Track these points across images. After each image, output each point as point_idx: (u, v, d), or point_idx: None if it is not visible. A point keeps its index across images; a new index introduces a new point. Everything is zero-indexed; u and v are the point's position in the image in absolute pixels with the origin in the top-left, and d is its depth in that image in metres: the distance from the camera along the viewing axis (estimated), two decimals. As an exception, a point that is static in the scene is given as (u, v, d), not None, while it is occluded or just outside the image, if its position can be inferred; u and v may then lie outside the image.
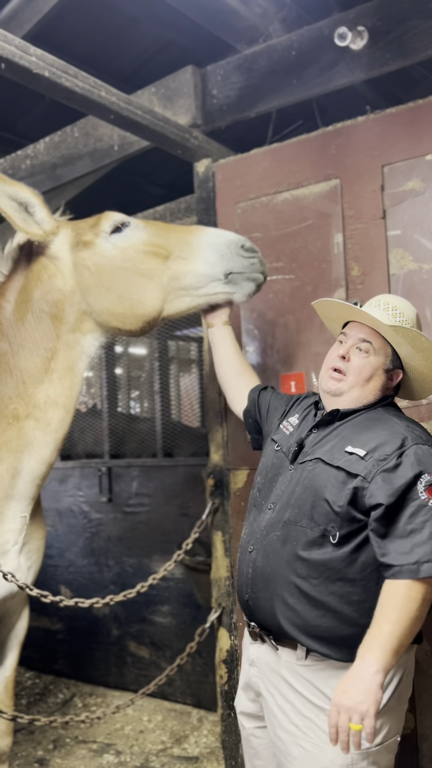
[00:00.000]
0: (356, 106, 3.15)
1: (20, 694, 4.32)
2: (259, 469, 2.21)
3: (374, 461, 1.85)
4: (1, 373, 2.41)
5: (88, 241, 2.42)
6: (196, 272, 2.42)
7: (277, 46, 3.20)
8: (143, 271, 2.39)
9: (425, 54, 2.81)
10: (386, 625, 1.72)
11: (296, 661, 1.91)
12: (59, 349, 2.42)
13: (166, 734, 3.70)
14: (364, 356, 2.00)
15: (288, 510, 1.95)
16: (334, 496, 1.86)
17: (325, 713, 1.83)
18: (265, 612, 1.95)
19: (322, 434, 2.03)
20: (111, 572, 4.31)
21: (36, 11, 3.34)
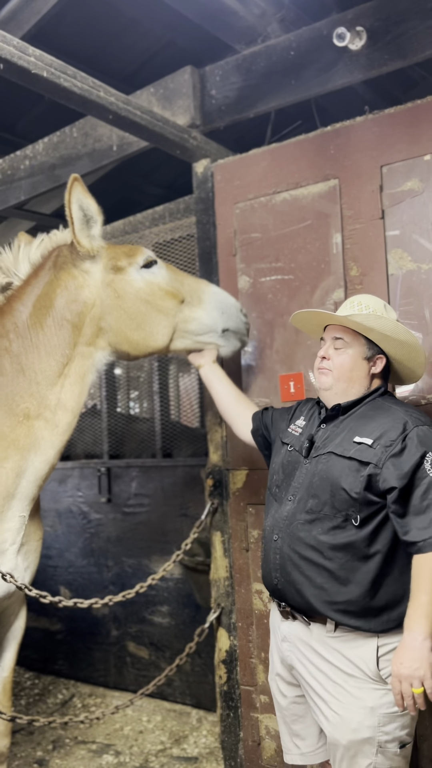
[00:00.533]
0: (355, 107, 3.15)
1: (19, 695, 4.32)
2: (273, 469, 2.37)
3: (382, 448, 2.02)
4: (13, 372, 2.48)
5: (121, 267, 2.60)
6: (201, 321, 2.70)
7: (275, 46, 3.20)
8: (161, 308, 2.61)
9: (423, 54, 2.81)
10: (423, 596, 1.93)
11: (326, 634, 2.09)
12: (74, 357, 2.54)
13: (165, 734, 3.70)
14: (342, 351, 2.21)
15: (309, 500, 2.12)
16: (350, 484, 2.03)
17: (354, 679, 2.03)
18: (295, 593, 2.11)
19: (330, 429, 2.21)
20: (110, 573, 4.31)
21: (35, 12, 3.34)
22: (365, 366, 2.21)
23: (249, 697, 3.08)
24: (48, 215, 5.51)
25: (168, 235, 3.92)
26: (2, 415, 2.43)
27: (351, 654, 2.04)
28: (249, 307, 3.11)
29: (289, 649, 2.19)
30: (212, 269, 3.27)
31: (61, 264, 2.57)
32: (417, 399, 2.66)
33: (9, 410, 2.44)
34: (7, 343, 2.50)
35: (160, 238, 3.96)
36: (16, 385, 2.46)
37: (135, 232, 4.13)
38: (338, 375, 2.19)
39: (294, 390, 2.97)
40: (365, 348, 2.20)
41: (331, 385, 2.21)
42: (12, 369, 2.48)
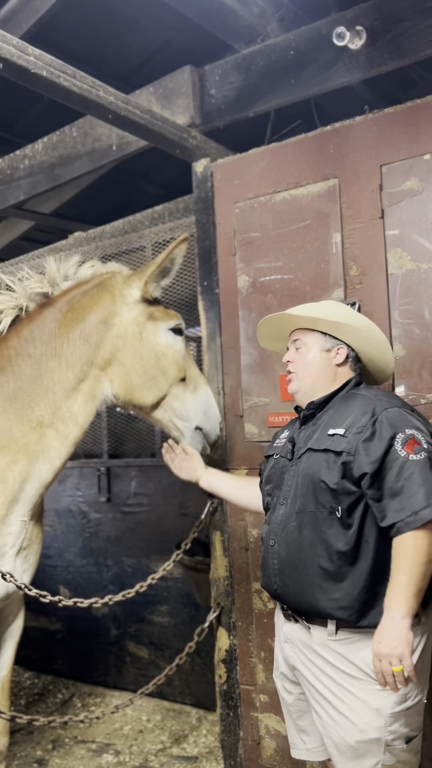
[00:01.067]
0: (354, 106, 3.15)
1: (19, 694, 4.32)
2: (265, 481, 2.38)
3: (353, 435, 2.04)
4: (32, 378, 2.53)
5: (155, 318, 2.76)
6: (187, 406, 2.82)
7: (275, 45, 3.20)
8: (166, 370, 2.74)
9: (423, 54, 2.81)
10: (401, 575, 1.92)
11: (327, 637, 2.08)
12: (89, 376, 2.63)
13: (165, 734, 3.70)
14: (303, 352, 2.27)
15: (297, 500, 2.13)
16: (327, 476, 2.05)
17: (358, 681, 2.02)
18: (295, 596, 2.11)
19: (309, 428, 2.23)
20: (110, 572, 4.31)
21: (34, 11, 3.33)
22: (326, 358, 2.24)
23: (249, 697, 3.08)
24: (47, 215, 5.51)
25: (167, 235, 3.92)
26: (16, 419, 2.48)
27: (353, 656, 2.04)
28: (249, 307, 3.11)
29: (291, 651, 2.20)
30: (212, 269, 3.27)
31: (109, 286, 2.72)
32: (417, 398, 2.66)
33: (23, 415, 2.49)
34: (31, 348, 2.56)
35: (159, 238, 3.96)
36: (33, 392, 2.52)
37: (134, 231, 4.13)
38: (302, 374, 2.24)
39: (293, 389, 2.97)
40: (323, 341, 2.25)
41: (298, 388, 2.26)
42: (32, 375, 2.54)
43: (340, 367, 2.26)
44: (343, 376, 2.26)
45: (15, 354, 2.56)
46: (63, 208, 5.54)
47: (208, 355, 3.28)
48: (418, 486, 1.93)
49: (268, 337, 2.48)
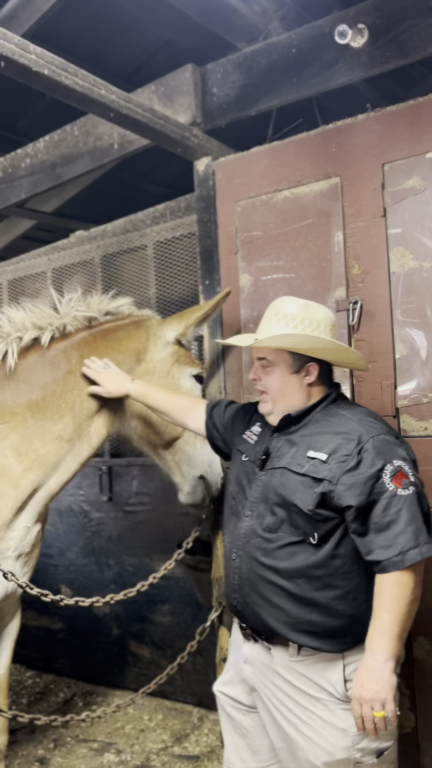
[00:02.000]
0: (356, 105, 3.14)
1: (21, 693, 4.32)
2: (229, 478, 2.27)
3: (336, 463, 1.93)
4: (57, 391, 2.62)
5: (182, 362, 2.89)
6: (196, 453, 2.89)
7: (277, 44, 3.19)
8: None
9: (425, 52, 2.81)
10: (385, 615, 1.83)
11: (289, 658, 1.99)
12: (112, 401, 2.72)
13: (166, 733, 3.70)
14: (270, 371, 2.12)
15: (267, 517, 2.03)
16: (302, 501, 1.94)
17: (322, 703, 1.95)
18: (254, 615, 2.02)
19: (283, 439, 2.11)
20: (111, 571, 4.30)
21: (36, 10, 3.34)
22: (296, 380, 2.10)
23: (250, 696, 3.07)
24: (48, 213, 5.51)
25: (169, 234, 3.92)
26: (37, 429, 2.55)
27: (317, 677, 1.97)
28: (250, 306, 3.11)
29: (252, 672, 2.11)
30: (214, 268, 3.27)
31: (144, 326, 2.87)
32: (419, 396, 2.65)
33: (44, 427, 2.56)
34: (61, 364, 2.66)
35: (161, 237, 3.96)
36: (57, 406, 2.60)
37: (136, 230, 4.13)
38: (273, 396, 2.12)
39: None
40: (290, 362, 2.09)
41: (270, 410, 2.14)
42: (57, 390, 2.62)
43: (312, 387, 2.12)
44: (318, 393, 2.13)
45: (43, 368, 2.65)
46: (64, 206, 5.54)
47: (210, 355, 3.28)
48: (406, 524, 1.85)
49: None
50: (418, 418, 2.65)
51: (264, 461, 2.11)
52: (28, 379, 2.62)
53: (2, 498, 2.47)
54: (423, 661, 2.63)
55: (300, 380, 2.10)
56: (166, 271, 3.94)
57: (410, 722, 2.68)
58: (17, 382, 2.61)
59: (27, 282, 4.63)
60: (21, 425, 2.54)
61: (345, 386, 2.82)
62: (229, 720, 2.25)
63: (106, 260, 4.20)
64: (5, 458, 2.50)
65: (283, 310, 2.11)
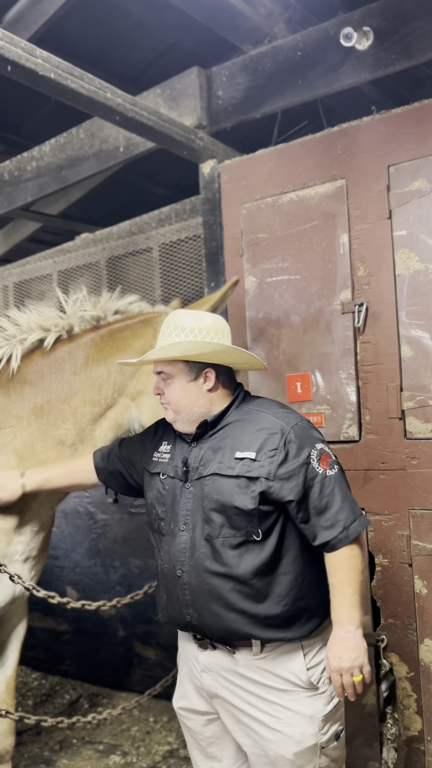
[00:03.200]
0: (362, 107, 3.15)
1: (26, 695, 4.33)
2: (150, 503, 2.21)
3: (266, 459, 1.98)
4: (64, 397, 2.57)
5: None
6: None
7: (282, 46, 3.20)
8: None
9: (431, 54, 2.81)
10: (347, 587, 1.96)
11: (252, 657, 2.03)
12: (118, 404, 2.65)
13: (172, 735, 3.70)
14: (169, 383, 2.12)
15: (204, 526, 2.03)
16: (242, 502, 1.96)
17: (288, 693, 2.01)
18: (214, 624, 2.02)
19: (204, 447, 2.10)
20: (117, 573, 4.31)
21: (42, 13, 3.35)
22: (195, 387, 2.10)
23: (256, 698, 3.07)
24: (54, 216, 5.53)
25: (174, 236, 3.93)
26: (40, 434, 2.53)
27: (280, 670, 2.01)
28: (256, 308, 3.11)
29: (212, 679, 2.10)
30: (219, 270, 3.28)
31: (152, 323, 2.72)
32: (425, 398, 2.65)
33: (47, 432, 2.53)
34: (66, 367, 2.61)
35: (166, 239, 3.96)
36: (61, 410, 2.56)
37: (141, 232, 4.14)
38: (175, 407, 2.12)
39: (301, 391, 2.96)
40: (186, 372, 2.10)
41: (174, 418, 2.14)
42: (62, 394, 2.58)
43: (212, 392, 2.11)
44: (223, 396, 2.13)
45: (48, 371, 2.61)
46: (70, 209, 5.56)
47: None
48: (342, 501, 1.97)
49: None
50: (424, 420, 2.65)
51: (186, 473, 2.10)
52: (33, 381, 2.59)
53: None
54: (429, 663, 2.63)
55: (199, 387, 2.11)
56: (171, 274, 3.95)
57: (417, 725, 2.67)
58: (22, 384, 2.59)
59: (33, 284, 4.65)
60: (25, 429, 2.53)
61: (351, 388, 2.82)
62: (191, 734, 2.25)
63: (112, 262, 4.21)
64: (9, 463, 2.50)
65: (174, 323, 2.12)
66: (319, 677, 2.03)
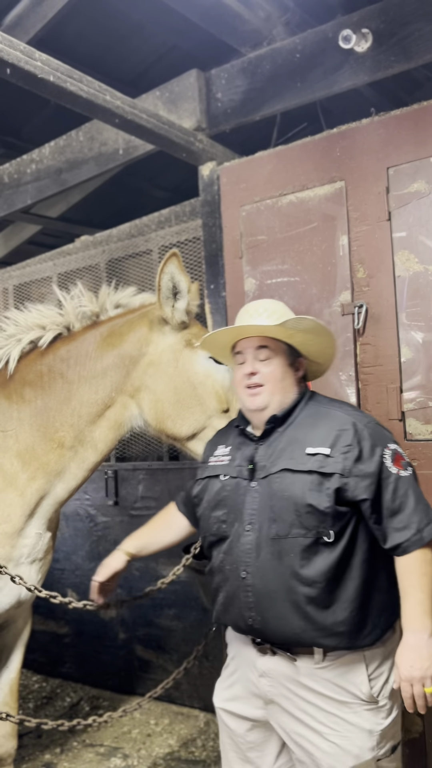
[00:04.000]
0: (360, 109, 3.15)
1: (27, 698, 4.32)
2: (208, 505, 2.16)
3: (341, 455, 1.93)
4: (61, 399, 2.53)
5: (193, 345, 2.57)
6: None
7: (281, 49, 3.20)
8: (203, 401, 2.54)
9: (429, 56, 2.81)
10: (418, 593, 1.88)
11: (314, 666, 1.96)
12: (117, 403, 2.57)
13: (173, 738, 3.69)
14: (268, 362, 2.07)
15: (272, 525, 1.96)
16: (316, 499, 1.91)
17: (348, 706, 1.94)
18: (277, 628, 1.96)
19: (271, 444, 2.06)
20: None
21: (41, 16, 3.35)
22: (292, 373, 2.10)
23: (257, 700, 3.07)
24: (54, 219, 5.53)
25: (174, 238, 3.93)
26: (40, 437, 2.51)
27: (342, 681, 1.95)
28: (255, 310, 3.11)
29: (270, 685, 2.04)
30: (218, 272, 3.28)
31: (149, 315, 2.63)
32: (425, 400, 2.65)
33: (47, 434, 2.51)
34: (65, 368, 2.56)
35: (166, 241, 3.97)
36: (60, 412, 2.52)
37: (141, 235, 4.14)
38: (272, 388, 2.04)
39: (301, 392, 2.96)
40: (287, 355, 2.09)
41: (267, 403, 2.05)
42: (61, 395, 2.54)
43: (298, 383, 2.13)
44: (298, 390, 2.13)
45: (48, 371, 2.57)
46: (70, 212, 5.56)
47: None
48: (416, 503, 1.92)
49: (212, 345, 2.26)
50: (424, 421, 2.65)
51: (252, 471, 2.05)
52: (33, 382, 2.56)
53: (11, 506, 2.47)
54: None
55: (293, 374, 2.11)
56: (171, 276, 3.94)
57: (418, 727, 2.67)
58: (23, 386, 2.56)
59: (33, 287, 4.65)
60: (27, 432, 2.52)
61: (351, 389, 2.82)
62: (230, 735, 2.19)
63: (112, 265, 4.22)
64: (12, 467, 2.49)
65: (270, 308, 2.11)
66: (380, 690, 1.96)
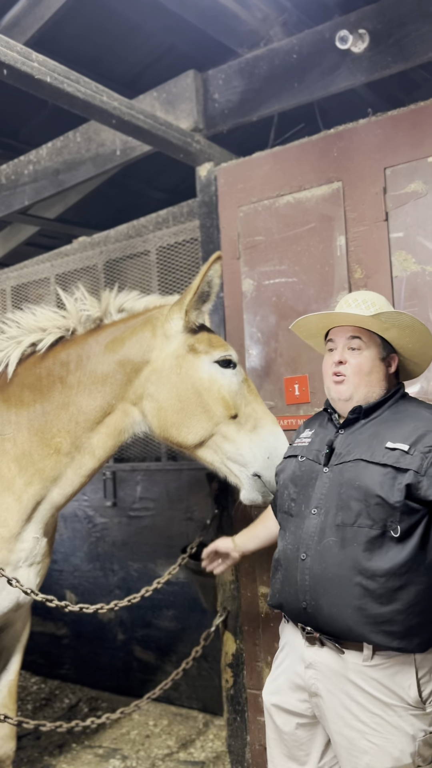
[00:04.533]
0: (358, 109, 3.16)
1: (26, 699, 4.32)
2: (283, 483, 2.19)
3: (420, 454, 1.90)
4: (59, 405, 2.50)
5: (197, 350, 2.50)
6: (240, 448, 2.48)
7: (278, 50, 3.21)
8: (208, 408, 2.46)
9: (426, 56, 2.82)
10: None
11: (362, 662, 1.93)
12: (117, 410, 2.53)
13: (172, 739, 3.69)
14: (358, 353, 2.05)
15: (339, 512, 1.96)
16: (387, 492, 1.89)
17: (392, 709, 1.90)
18: (330, 617, 1.94)
19: (352, 434, 2.05)
20: (116, 577, 4.30)
21: (38, 17, 3.36)
22: (382, 367, 2.08)
23: (256, 701, 3.07)
24: (52, 220, 5.53)
25: (172, 239, 3.93)
26: (37, 442, 2.49)
27: (389, 682, 1.92)
28: (253, 311, 3.11)
29: (315, 677, 2.02)
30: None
31: (152, 320, 2.57)
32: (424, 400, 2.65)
33: (43, 440, 2.49)
34: (64, 373, 2.52)
35: (163, 242, 3.97)
36: (58, 417, 2.49)
37: (139, 236, 4.14)
38: (357, 380, 2.04)
39: (299, 393, 2.97)
40: (380, 348, 2.07)
41: (351, 395, 2.05)
42: (60, 401, 2.50)
43: (388, 380, 2.10)
44: (391, 385, 2.11)
45: (47, 375, 2.53)
46: (67, 213, 5.56)
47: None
48: None
49: (305, 329, 2.24)
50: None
51: (328, 456, 2.05)
52: (32, 386, 2.54)
53: (8, 511, 2.46)
54: None
55: (384, 369, 2.08)
56: (168, 277, 3.95)
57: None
58: (22, 389, 2.54)
59: (30, 288, 4.65)
60: (24, 437, 2.50)
61: (348, 390, 2.82)
62: (277, 732, 2.17)
63: (109, 266, 4.22)
64: (9, 471, 2.48)
65: (371, 299, 2.09)
66: (428, 697, 1.93)
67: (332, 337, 2.12)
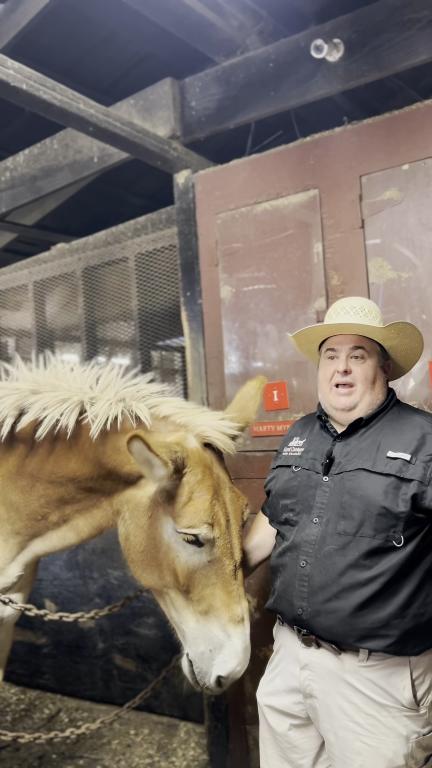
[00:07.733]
0: (334, 117, 3.18)
1: (5, 710, 4.27)
2: (276, 493, 2.18)
3: (422, 463, 1.92)
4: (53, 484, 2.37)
5: (167, 511, 2.15)
6: (185, 627, 2.16)
7: (254, 58, 3.23)
8: (162, 570, 2.18)
9: (400, 65, 2.85)
10: None
11: (358, 664, 1.95)
12: (102, 506, 2.38)
13: (153, 748, 3.67)
14: (362, 362, 2.07)
15: (340, 521, 1.97)
16: (391, 503, 1.90)
17: (387, 710, 1.92)
18: (326, 623, 1.96)
19: (351, 443, 2.06)
20: (96, 585, 4.27)
21: (14, 24, 3.34)
22: (382, 375, 2.11)
23: (237, 708, 3.06)
24: (29, 226, 5.50)
25: (150, 246, 3.93)
26: (27, 506, 2.41)
27: (384, 683, 1.94)
28: (232, 317, 3.12)
29: (310, 678, 2.04)
30: (195, 279, 3.28)
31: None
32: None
33: (30, 515, 2.42)
34: (67, 451, 2.33)
35: (142, 249, 3.97)
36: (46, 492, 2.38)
37: (117, 242, 4.13)
38: (363, 389, 2.05)
39: (278, 399, 2.98)
40: (380, 355, 2.10)
41: (356, 403, 2.05)
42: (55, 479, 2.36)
43: (385, 386, 2.14)
44: (386, 391, 2.14)
45: (50, 448, 2.35)
46: (45, 219, 5.54)
47: (192, 366, 3.28)
48: None
49: (305, 337, 2.20)
50: None
51: (328, 466, 2.05)
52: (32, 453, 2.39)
53: None
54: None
55: (384, 376, 2.12)
56: (147, 283, 3.95)
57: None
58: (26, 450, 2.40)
59: (8, 295, 4.62)
60: (18, 497, 2.43)
61: (326, 396, 2.84)
62: (271, 733, 2.18)
63: (88, 273, 4.21)
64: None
65: (367, 307, 2.09)
66: (422, 698, 1.95)
67: (333, 346, 2.11)
